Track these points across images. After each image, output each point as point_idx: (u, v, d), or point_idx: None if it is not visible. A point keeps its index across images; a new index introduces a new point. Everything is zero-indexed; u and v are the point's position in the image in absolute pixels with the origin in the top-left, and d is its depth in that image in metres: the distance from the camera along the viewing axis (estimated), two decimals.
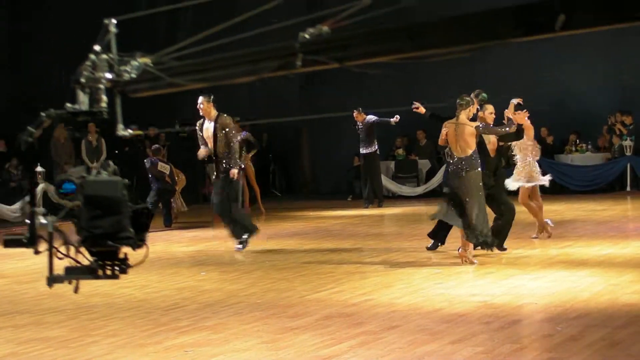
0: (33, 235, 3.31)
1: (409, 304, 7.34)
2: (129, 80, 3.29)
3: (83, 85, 3.25)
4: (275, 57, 3.38)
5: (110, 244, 3.16)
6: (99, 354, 5.96)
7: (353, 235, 13.27)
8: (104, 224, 3.14)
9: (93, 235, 3.16)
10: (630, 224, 13.58)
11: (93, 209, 3.14)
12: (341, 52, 3.16)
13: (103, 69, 3.25)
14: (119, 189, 3.12)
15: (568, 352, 5.51)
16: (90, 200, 3.14)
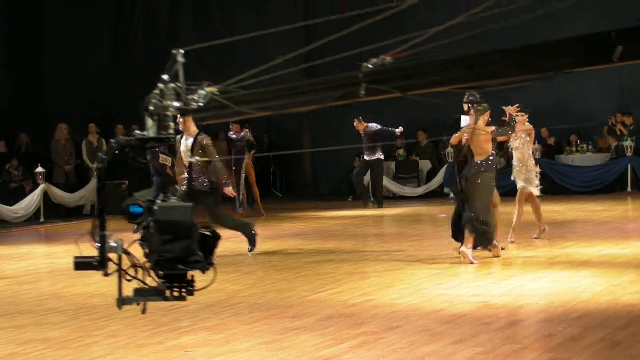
0: (103, 258, 3.38)
1: (410, 304, 7.34)
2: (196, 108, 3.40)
3: (151, 112, 3.36)
4: (339, 86, 3.44)
5: (180, 267, 3.26)
6: (100, 355, 5.97)
7: (353, 235, 13.27)
8: (175, 248, 3.22)
9: (165, 259, 3.24)
10: (630, 224, 13.58)
11: (164, 234, 3.22)
12: (404, 81, 3.26)
13: (171, 98, 3.35)
14: (188, 214, 3.22)
15: (568, 353, 5.51)
16: (161, 225, 3.22)
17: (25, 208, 17.57)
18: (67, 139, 19.29)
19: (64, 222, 17.47)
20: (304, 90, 3.60)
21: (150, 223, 3.23)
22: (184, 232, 3.22)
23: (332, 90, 3.47)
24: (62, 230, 16.02)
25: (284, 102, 3.62)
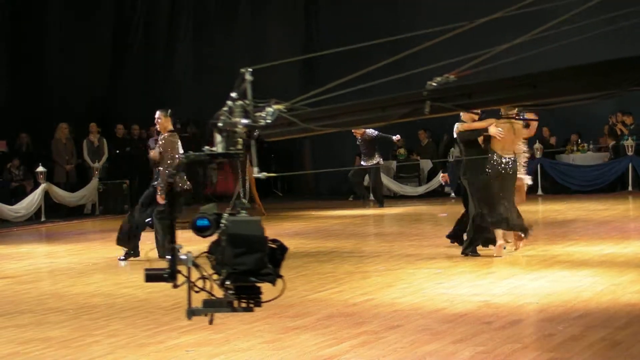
0: (173, 270, 3.51)
1: (411, 303, 7.34)
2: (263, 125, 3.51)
3: (220, 129, 3.48)
4: (404, 103, 3.53)
5: (252, 280, 3.41)
6: (101, 354, 5.97)
7: (354, 235, 13.27)
8: (248, 261, 3.35)
9: (238, 272, 3.36)
10: (631, 223, 13.58)
11: (237, 247, 3.33)
12: (467, 99, 3.35)
13: (239, 115, 3.48)
14: (259, 228, 3.33)
15: (569, 352, 5.50)
16: (233, 239, 3.32)
17: (26, 207, 17.57)
18: (68, 139, 19.29)
19: (64, 222, 17.48)
20: (370, 107, 3.69)
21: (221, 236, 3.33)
22: (255, 245, 3.34)
23: (397, 107, 3.56)
24: (63, 230, 16.03)
25: (350, 119, 3.74)
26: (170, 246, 3.46)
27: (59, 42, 21.65)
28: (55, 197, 18.10)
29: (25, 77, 21.06)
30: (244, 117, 3.49)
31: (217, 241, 3.37)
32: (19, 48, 21.21)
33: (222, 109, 3.52)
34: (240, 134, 3.49)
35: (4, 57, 21.08)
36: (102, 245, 13.04)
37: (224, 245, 3.33)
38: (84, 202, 18.97)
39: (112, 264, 10.73)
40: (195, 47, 23.55)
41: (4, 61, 21.08)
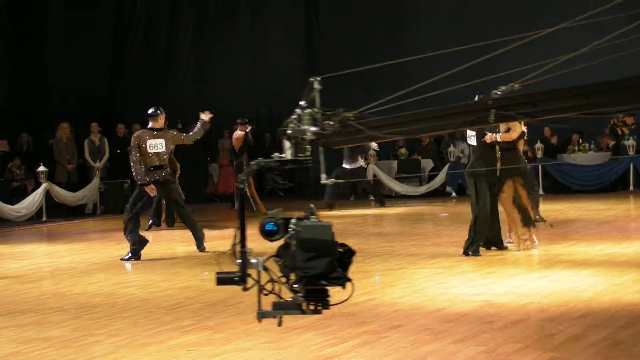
0: (244, 274, 3.60)
1: (412, 303, 7.34)
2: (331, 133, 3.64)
3: (289, 136, 3.61)
4: (469, 112, 3.64)
5: (323, 283, 3.47)
6: (102, 354, 5.97)
7: (355, 234, 13.27)
8: (318, 265, 3.42)
9: (309, 276, 3.44)
10: (632, 223, 13.57)
11: (308, 251, 3.41)
12: (531, 108, 3.45)
13: (307, 122, 3.60)
14: (330, 232, 3.41)
15: (570, 352, 5.50)
16: (305, 243, 3.41)
17: (27, 207, 17.57)
18: (69, 138, 19.30)
19: (65, 222, 17.48)
20: (435, 115, 3.77)
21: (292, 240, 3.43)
22: (326, 249, 3.41)
23: (463, 115, 3.66)
24: (64, 230, 16.04)
25: (415, 127, 3.84)
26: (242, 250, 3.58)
27: (60, 42, 21.66)
28: (57, 196, 18.11)
29: (25, 77, 21.07)
30: (312, 124, 3.61)
31: (285, 245, 3.47)
32: (19, 48, 21.22)
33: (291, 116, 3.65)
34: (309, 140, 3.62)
35: (4, 57, 21.08)
36: (103, 244, 13.05)
37: (294, 249, 3.42)
38: (85, 202, 18.98)
39: (113, 263, 10.74)
40: (196, 47, 23.54)
41: (4, 61, 21.08)
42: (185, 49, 23.45)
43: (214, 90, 23.28)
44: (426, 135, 7.92)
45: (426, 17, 22.48)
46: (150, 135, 11.06)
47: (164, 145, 11.04)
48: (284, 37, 23.61)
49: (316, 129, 3.60)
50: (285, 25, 23.56)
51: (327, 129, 3.62)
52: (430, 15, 22.42)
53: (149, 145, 11.01)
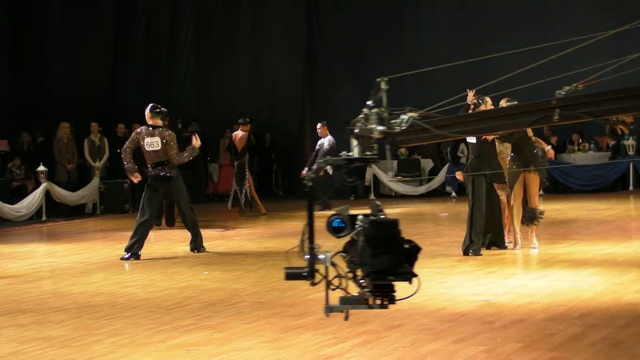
0: (312, 269, 3.72)
1: (412, 303, 7.27)
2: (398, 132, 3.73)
3: (356, 135, 3.70)
4: (533, 111, 3.70)
5: (391, 278, 3.57)
6: (102, 353, 5.97)
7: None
8: (386, 261, 3.51)
9: (377, 271, 3.52)
10: (632, 223, 13.57)
11: (375, 247, 3.49)
12: (594, 107, 3.52)
13: (375, 122, 3.69)
14: (396, 229, 3.49)
15: (570, 352, 5.50)
16: (372, 239, 3.49)
17: (27, 207, 17.57)
18: (69, 138, 19.30)
19: (65, 221, 17.48)
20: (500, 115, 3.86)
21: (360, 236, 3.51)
22: (393, 245, 3.50)
23: (527, 115, 3.72)
24: (64, 229, 16.04)
25: (481, 126, 3.92)
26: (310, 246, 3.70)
27: (60, 42, 21.65)
28: (57, 196, 18.10)
29: (25, 77, 21.07)
30: (379, 123, 3.69)
31: (351, 241, 3.55)
32: (19, 48, 21.22)
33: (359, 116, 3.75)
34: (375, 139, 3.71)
35: (5, 57, 21.08)
36: (103, 244, 13.05)
37: (361, 245, 3.50)
38: (85, 202, 18.98)
39: (113, 263, 10.74)
40: (196, 47, 23.54)
41: (4, 61, 21.08)
42: (186, 49, 23.44)
43: (214, 90, 23.28)
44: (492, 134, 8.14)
45: (426, 16, 22.47)
46: (148, 133, 11.09)
47: (160, 144, 11.06)
48: (284, 37, 23.60)
49: (383, 128, 3.69)
50: (285, 25, 23.54)
51: (394, 128, 3.71)
52: (431, 15, 22.41)
53: (146, 144, 11.06)
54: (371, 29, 22.51)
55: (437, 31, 22.05)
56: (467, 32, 21.63)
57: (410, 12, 22.70)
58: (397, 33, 22.49)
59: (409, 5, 22.69)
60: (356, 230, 3.52)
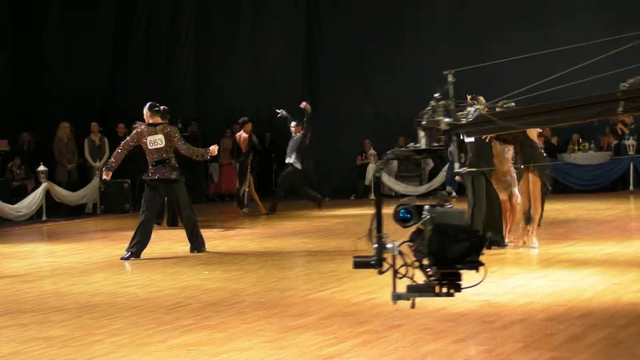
0: (380, 258, 3.81)
1: None
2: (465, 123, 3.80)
3: (424, 127, 3.81)
4: (597, 103, 3.74)
5: (458, 267, 3.62)
6: (102, 353, 5.97)
7: (356, 234, 13.21)
8: (454, 250, 3.58)
9: (445, 259, 3.59)
10: (633, 223, 13.57)
11: (444, 236, 3.58)
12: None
13: (441, 114, 3.78)
14: (464, 219, 3.61)
15: (571, 352, 5.50)
16: (441, 229, 3.58)
17: (28, 207, 17.57)
18: (70, 138, 19.30)
19: (66, 221, 17.48)
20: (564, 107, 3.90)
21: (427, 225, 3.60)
22: (461, 234, 3.57)
23: (591, 107, 3.77)
24: (64, 229, 16.04)
25: (545, 118, 3.96)
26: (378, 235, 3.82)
27: (60, 42, 21.65)
28: (57, 196, 18.11)
29: (25, 77, 21.07)
30: (446, 115, 3.78)
31: (418, 231, 3.65)
32: (19, 47, 21.22)
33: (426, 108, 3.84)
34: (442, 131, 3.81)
35: (5, 57, 21.09)
36: (103, 244, 13.06)
37: (430, 234, 3.58)
38: (85, 202, 18.98)
39: (114, 263, 10.74)
40: (196, 47, 23.54)
41: (4, 60, 21.09)
42: (186, 49, 23.44)
43: (214, 90, 23.28)
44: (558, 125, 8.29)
45: (426, 16, 22.46)
46: (149, 132, 11.08)
47: (163, 140, 11.06)
48: (284, 37, 23.60)
49: (450, 119, 3.76)
50: (285, 25, 23.55)
51: (461, 119, 3.77)
52: (431, 15, 22.40)
53: (149, 142, 11.04)
54: (371, 29, 22.51)
55: (437, 31, 22.04)
56: (467, 32, 21.62)
57: (410, 12, 22.69)
58: (397, 33, 22.49)
59: (409, 5, 22.68)
60: (423, 220, 3.61)
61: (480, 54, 21.25)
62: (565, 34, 18.51)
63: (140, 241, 10.87)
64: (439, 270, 3.64)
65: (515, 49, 20.42)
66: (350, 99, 22.82)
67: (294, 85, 23.36)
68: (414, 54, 22.30)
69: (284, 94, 22.81)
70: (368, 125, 22.43)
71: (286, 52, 23.49)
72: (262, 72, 23.42)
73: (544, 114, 3.89)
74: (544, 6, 21.01)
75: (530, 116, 3.87)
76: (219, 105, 23.08)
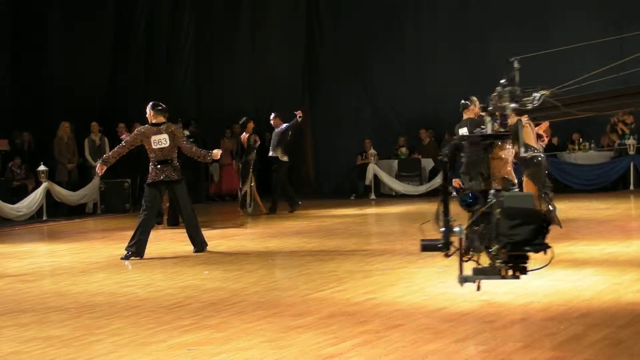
0: (447, 241, 3.97)
1: (412, 302, 7.34)
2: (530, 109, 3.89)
3: (490, 112, 3.90)
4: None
5: (527, 249, 3.85)
6: (102, 353, 5.97)
7: (356, 234, 13.27)
8: (523, 232, 3.75)
9: (514, 242, 3.76)
10: (633, 222, 13.57)
11: (513, 219, 3.70)
12: None
13: (507, 99, 3.88)
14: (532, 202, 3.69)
15: (571, 351, 5.50)
16: (510, 212, 3.69)
17: (28, 206, 17.58)
18: (70, 138, 19.31)
19: (66, 221, 17.49)
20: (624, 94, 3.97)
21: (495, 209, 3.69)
22: (530, 217, 3.70)
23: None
24: (65, 229, 16.04)
25: (606, 104, 4.04)
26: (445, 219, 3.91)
27: (60, 41, 21.66)
28: (57, 196, 18.12)
29: (26, 76, 21.08)
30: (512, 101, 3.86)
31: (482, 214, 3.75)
32: (20, 47, 21.23)
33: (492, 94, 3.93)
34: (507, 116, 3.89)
35: (6, 57, 21.10)
36: (104, 244, 13.06)
37: (498, 217, 3.70)
38: (86, 201, 18.99)
39: (114, 262, 10.74)
40: (196, 47, 23.55)
41: (5, 60, 21.10)
42: (186, 49, 23.46)
43: (214, 90, 23.28)
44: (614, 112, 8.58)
45: (426, 16, 22.47)
46: (154, 132, 11.05)
47: (168, 140, 11.05)
48: (284, 37, 23.61)
49: (515, 105, 3.85)
50: (285, 25, 23.55)
51: (526, 105, 3.84)
52: (431, 15, 22.41)
53: (153, 142, 11.01)
54: (371, 29, 22.52)
55: (437, 31, 22.04)
56: (467, 32, 21.63)
57: (410, 12, 22.69)
58: (397, 33, 22.49)
59: (409, 5, 22.68)
60: (489, 204, 3.68)
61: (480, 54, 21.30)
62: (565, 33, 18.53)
63: (140, 240, 10.87)
64: (508, 253, 3.78)
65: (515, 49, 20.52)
66: (350, 99, 22.83)
67: (294, 85, 23.37)
68: (414, 54, 22.30)
69: (284, 94, 22.82)
70: (368, 125, 22.45)
71: (286, 52, 23.49)
72: (262, 72, 23.42)
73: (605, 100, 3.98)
74: (545, 6, 21.01)
75: (592, 102, 3.94)
76: (219, 105, 23.08)
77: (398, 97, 22.21)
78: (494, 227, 3.71)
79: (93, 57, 21.93)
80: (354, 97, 22.81)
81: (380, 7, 22.52)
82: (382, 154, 21.23)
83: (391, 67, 22.32)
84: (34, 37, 21.35)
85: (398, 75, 22.13)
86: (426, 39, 22.19)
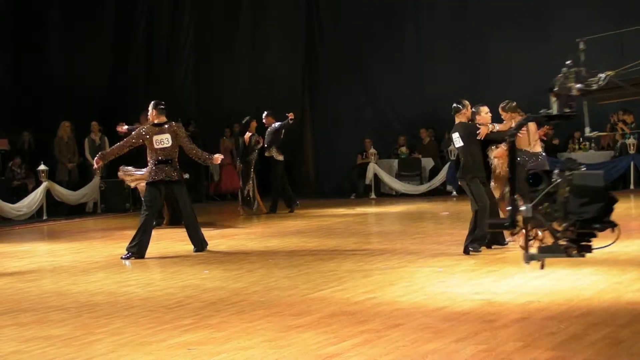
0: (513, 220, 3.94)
1: (412, 302, 7.34)
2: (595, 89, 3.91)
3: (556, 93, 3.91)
4: None
5: (596, 227, 3.85)
6: (102, 352, 5.97)
7: (356, 233, 13.27)
8: (592, 210, 3.73)
9: (582, 220, 3.76)
10: (633, 222, 13.56)
11: (582, 197, 3.70)
12: None
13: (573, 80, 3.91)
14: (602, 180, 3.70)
15: (571, 351, 5.50)
16: (579, 190, 3.69)
17: (28, 206, 17.59)
18: (70, 137, 19.31)
19: (66, 220, 17.49)
20: None
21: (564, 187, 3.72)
22: (599, 195, 3.70)
23: None
24: (65, 228, 16.04)
25: None
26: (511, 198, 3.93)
27: (60, 41, 21.66)
28: (57, 195, 18.12)
29: (26, 76, 21.08)
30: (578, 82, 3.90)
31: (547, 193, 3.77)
32: (20, 47, 21.23)
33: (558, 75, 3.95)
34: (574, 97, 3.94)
35: (6, 57, 21.10)
36: (104, 243, 13.06)
37: (567, 195, 3.71)
38: (86, 201, 18.99)
39: (114, 262, 10.74)
40: (196, 47, 23.54)
41: (5, 60, 21.10)
42: (186, 49, 23.45)
43: (214, 90, 23.28)
44: None
45: (426, 16, 22.46)
46: (156, 132, 11.04)
47: (170, 140, 11.05)
48: (284, 37, 23.60)
49: (581, 85, 3.87)
50: (285, 25, 23.54)
51: (592, 85, 3.87)
52: (431, 15, 22.40)
53: (155, 141, 10.99)
54: (371, 29, 22.51)
55: (437, 31, 22.04)
56: (467, 32, 21.62)
57: (410, 12, 22.69)
58: (397, 33, 22.49)
59: (409, 5, 22.68)
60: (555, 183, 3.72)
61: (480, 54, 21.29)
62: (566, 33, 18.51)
63: (142, 241, 10.87)
64: (577, 231, 3.80)
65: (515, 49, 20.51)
66: (350, 99, 22.83)
67: (294, 85, 23.36)
68: (414, 54, 22.30)
69: (284, 94, 22.81)
70: (368, 125, 22.44)
71: (286, 52, 23.49)
72: (262, 72, 23.42)
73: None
74: (545, 6, 21.01)
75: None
76: (219, 105, 23.08)
77: (398, 97, 22.19)
78: (562, 205, 3.68)
79: (93, 57, 21.92)
80: (354, 97, 22.80)
81: (380, 7, 22.51)
82: (382, 154, 21.23)
83: (391, 67, 22.31)
84: (34, 37, 21.34)
85: (398, 75, 22.13)
86: (426, 39, 22.18)
